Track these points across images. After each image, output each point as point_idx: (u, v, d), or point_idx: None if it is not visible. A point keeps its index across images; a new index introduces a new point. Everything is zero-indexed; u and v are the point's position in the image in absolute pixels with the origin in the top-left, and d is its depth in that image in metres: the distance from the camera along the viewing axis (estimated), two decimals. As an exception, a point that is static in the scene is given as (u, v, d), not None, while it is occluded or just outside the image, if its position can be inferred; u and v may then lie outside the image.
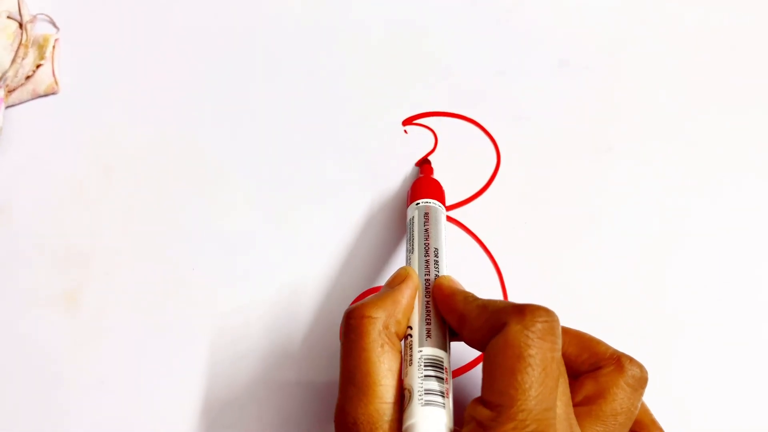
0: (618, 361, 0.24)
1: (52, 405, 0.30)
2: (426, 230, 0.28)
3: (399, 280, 0.25)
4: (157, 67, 0.36)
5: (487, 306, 0.23)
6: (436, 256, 0.27)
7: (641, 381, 0.24)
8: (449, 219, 0.32)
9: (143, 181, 0.34)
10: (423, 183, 0.31)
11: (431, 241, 0.27)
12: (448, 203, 0.32)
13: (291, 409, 0.30)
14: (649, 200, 0.33)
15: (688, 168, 0.34)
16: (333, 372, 0.30)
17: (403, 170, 0.34)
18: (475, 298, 0.24)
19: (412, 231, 0.28)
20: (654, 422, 0.25)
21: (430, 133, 0.34)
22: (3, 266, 0.32)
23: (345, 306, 0.31)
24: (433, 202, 0.29)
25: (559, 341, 0.21)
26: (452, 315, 0.24)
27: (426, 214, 0.28)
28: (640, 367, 0.24)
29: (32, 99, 0.35)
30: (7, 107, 0.35)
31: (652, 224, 0.33)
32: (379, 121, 0.35)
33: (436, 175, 0.33)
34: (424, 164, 0.33)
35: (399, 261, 0.32)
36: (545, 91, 0.35)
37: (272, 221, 0.33)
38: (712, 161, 0.34)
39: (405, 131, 0.35)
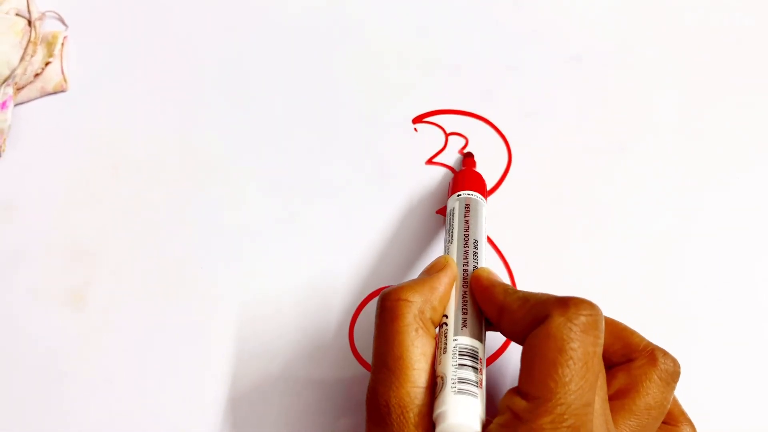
0: (651, 354, 0.24)
1: (58, 403, 0.30)
2: (466, 221, 0.28)
3: (438, 267, 0.25)
4: (166, 64, 0.36)
5: (528, 298, 0.23)
6: (476, 247, 0.27)
7: (674, 375, 0.24)
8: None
9: (151, 178, 0.34)
10: (465, 175, 0.31)
11: (471, 233, 0.27)
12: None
13: (296, 406, 0.29)
14: (662, 199, 0.33)
15: (703, 167, 0.33)
16: (341, 369, 0.30)
17: (413, 169, 0.33)
18: (515, 290, 0.23)
19: (452, 222, 0.28)
20: (683, 413, 0.25)
21: (441, 132, 0.34)
22: (10, 263, 0.32)
23: (354, 305, 0.31)
24: (475, 195, 0.29)
25: (602, 336, 0.21)
26: (491, 306, 0.24)
27: (467, 206, 0.29)
28: (674, 361, 0.24)
29: (41, 97, 0.35)
30: (16, 105, 0.35)
31: (666, 224, 0.32)
32: (388, 119, 0.34)
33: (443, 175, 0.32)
34: (466, 157, 0.33)
35: (407, 258, 0.32)
36: (557, 88, 0.35)
37: (281, 220, 0.33)
38: (728, 160, 0.33)
39: (415, 129, 0.34)
